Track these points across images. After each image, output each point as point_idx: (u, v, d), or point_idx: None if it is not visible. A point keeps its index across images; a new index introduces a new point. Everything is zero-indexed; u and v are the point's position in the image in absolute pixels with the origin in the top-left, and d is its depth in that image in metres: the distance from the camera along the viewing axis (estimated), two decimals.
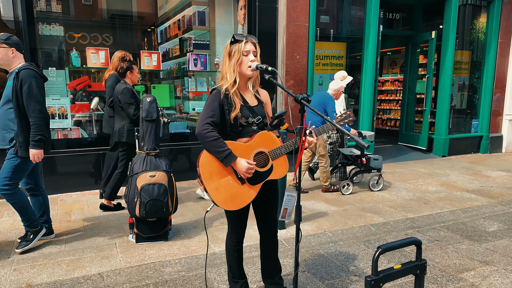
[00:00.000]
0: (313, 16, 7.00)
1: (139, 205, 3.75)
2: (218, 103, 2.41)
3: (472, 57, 9.58)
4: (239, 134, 2.48)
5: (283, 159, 2.54)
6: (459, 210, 5.12)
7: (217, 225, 4.44)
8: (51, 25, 5.83)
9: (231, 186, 2.43)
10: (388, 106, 11.88)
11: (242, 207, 2.47)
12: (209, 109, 2.40)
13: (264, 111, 2.61)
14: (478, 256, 3.77)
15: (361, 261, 3.63)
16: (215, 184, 2.40)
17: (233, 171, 2.42)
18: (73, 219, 4.62)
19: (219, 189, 2.40)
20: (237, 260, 2.75)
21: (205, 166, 2.39)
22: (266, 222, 2.71)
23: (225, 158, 2.34)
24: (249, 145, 2.45)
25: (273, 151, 2.49)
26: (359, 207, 5.18)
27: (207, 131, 2.32)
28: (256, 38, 2.54)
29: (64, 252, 3.70)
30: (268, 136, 2.50)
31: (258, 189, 2.49)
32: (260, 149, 2.47)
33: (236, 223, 2.66)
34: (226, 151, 2.33)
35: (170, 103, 6.99)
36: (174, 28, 7.59)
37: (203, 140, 2.34)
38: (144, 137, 4.04)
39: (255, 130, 2.51)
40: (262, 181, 2.50)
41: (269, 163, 2.49)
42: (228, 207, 2.43)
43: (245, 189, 2.45)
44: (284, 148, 2.49)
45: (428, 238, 4.22)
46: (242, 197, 2.45)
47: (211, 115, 2.37)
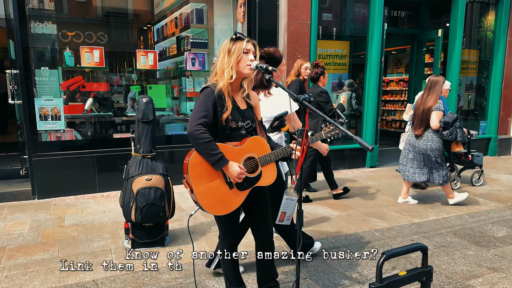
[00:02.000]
0: (315, 14, 7.02)
1: (135, 209, 3.76)
2: (212, 102, 2.38)
3: (480, 56, 9.60)
4: (228, 138, 2.47)
5: (272, 167, 2.56)
6: (466, 215, 5.13)
7: (215, 230, 4.45)
8: (43, 23, 5.84)
9: (219, 190, 2.42)
10: (393, 107, 11.90)
11: (230, 212, 2.47)
12: (202, 108, 2.36)
13: (254, 115, 2.61)
14: (486, 263, 3.77)
15: (365, 268, 3.64)
16: (203, 187, 2.39)
17: (222, 175, 2.42)
18: (67, 224, 4.63)
19: (207, 193, 2.39)
20: (233, 267, 2.75)
21: (195, 168, 2.37)
22: (257, 224, 2.71)
23: (217, 162, 2.33)
24: (241, 149, 2.46)
25: (263, 158, 2.51)
26: (363, 211, 5.19)
27: (199, 132, 2.29)
28: (256, 42, 2.54)
29: (57, 259, 3.70)
30: (260, 141, 2.52)
31: (246, 195, 2.51)
32: (250, 154, 2.49)
33: (227, 228, 2.67)
34: (219, 155, 2.32)
35: (167, 104, 7.00)
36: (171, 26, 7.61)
37: (195, 142, 2.31)
38: (140, 139, 4.04)
39: (244, 134, 2.52)
40: (250, 187, 2.51)
41: (258, 169, 2.51)
42: (216, 212, 2.44)
43: (233, 194, 2.46)
44: (274, 155, 2.52)
45: (434, 244, 4.23)
46: (229, 202, 2.45)
47: (204, 115, 2.34)
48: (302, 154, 2.33)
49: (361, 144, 2.15)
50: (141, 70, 6.67)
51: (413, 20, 10.18)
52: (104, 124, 6.61)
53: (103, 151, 5.94)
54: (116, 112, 6.67)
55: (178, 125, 6.99)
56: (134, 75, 6.89)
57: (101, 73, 6.59)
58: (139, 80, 6.93)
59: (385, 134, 11.53)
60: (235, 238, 2.71)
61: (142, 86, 6.87)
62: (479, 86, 9.67)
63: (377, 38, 7.59)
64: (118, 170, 5.69)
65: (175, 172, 6.17)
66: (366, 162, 7.98)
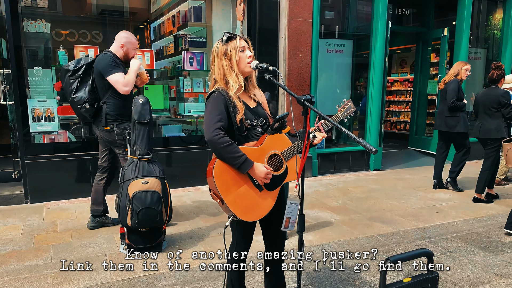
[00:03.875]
0: (317, 12, 7.04)
1: (131, 214, 3.76)
2: (224, 105, 2.37)
3: (487, 56, 9.61)
4: (246, 138, 2.46)
5: (294, 160, 2.52)
6: (473, 219, 5.14)
7: (214, 235, 4.46)
8: (36, 21, 5.85)
9: (249, 195, 2.39)
10: (398, 108, 11.91)
11: (262, 217, 2.45)
12: (216, 112, 2.34)
13: (265, 112, 2.62)
14: (493, 269, 3.78)
15: (368, 274, 3.64)
16: (233, 196, 2.35)
17: (249, 179, 2.39)
18: (60, 229, 4.64)
19: (237, 201, 2.36)
20: (239, 274, 2.74)
21: (221, 177, 2.33)
22: (274, 231, 2.66)
23: (242, 165, 2.29)
24: (262, 148, 2.43)
25: (286, 152, 2.48)
26: (366, 216, 5.19)
27: (219, 136, 2.26)
28: (247, 36, 2.53)
29: (51, 265, 3.71)
30: (279, 136, 2.48)
31: (276, 195, 2.48)
32: (273, 151, 2.46)
33: (243, 235, 2.63)
34: (243, 157, 2.29)
35: (164, 105, 7.00)
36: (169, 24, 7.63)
37: (216, 147, 2.27)
38: (136, 141, 4.05)
39: (261, 132, 2.51)
40: (279, 186, 2.48)
41: (284, 165, 2.48)
42: (249, 218, 2.40)
43: (263, 196, 2.43)
44: (296, 147, 2.47)
45: (440, 250, 4.23)
46: (261, 205, 2.43)
47: (219, 119, 2.31)
48: (304, 156, 2.34)
49: (364, 146, 2.16)
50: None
51: (418, 18, 10.19)
52: None
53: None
54: None
55: (176, 127, 7.00)
56: None
57: None
58: None
59: (389, 136, 11.56)
60: (248, 246, 2.67)
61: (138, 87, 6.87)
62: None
63: (381, 37, 7.62)
64: None
65: (173, 175, 6.23)
66: (370, 164, 7.99)
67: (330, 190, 6.44)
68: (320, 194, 6.19)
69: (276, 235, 2.67)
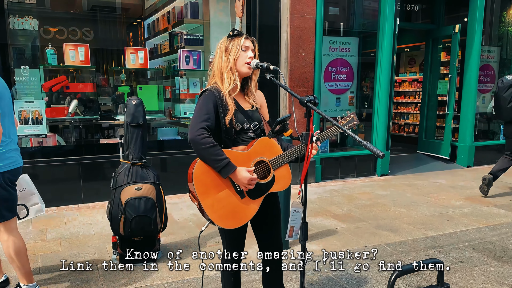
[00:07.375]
0: (321, 8, 7.07)
1: (124, 222, 3.77)
2: (213, 105, 2.40)
3: (501, 54, 9.63)
4: (234, 142, 2.48)
5: (285, 169, 2.55)
6: (486, 227, 5.15)
7: (211, 244, 4.47)
8: (23, 18, 5.87)
9: (229, 201, 2.41)
10: (406, 110, 11.93)
11: (242, 225, 2.47)
12: (203, 111, 2.38)
13: (260, 116, 2.63)
14: (508, 280, 3.79)
15: (375, 285, 3.65)
16: (211, 199, 2.37)
17: (231, 184, 2.41)
18: (49, 238, 4.65)
19: (216, 205, 2.38)
20: (234, 285, 2.76)
21: (200, 178, 2.36)
22: (269, 240, 2.69)
23: (223, 168, 2.32)
24: (248, 153, 2.45)
25: (275, 160, 2.50)
26: (373, 224, 5.20)
27: (202, 136, 2.30)
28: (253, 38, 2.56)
29: (39, 276, 3.72)
30: (269, 143, 2.51)
31: (259, 204, 2.49)
32: (260, 157, 2.48)
33: (232, 242, 2.65)
34: (225, 160, 2.31)
35: (159, 106, 7.02)
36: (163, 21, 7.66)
37: (198, 147, 2.31)
38: (129, 145, 4.06)
39: (252, 137, 2.53)
40: (263, 194, 2.50)
41: (271, 174, 2.50)
42: (227, 226, 2.42)
43: (245, 203, 2.44)
44: (286, 156, 2.50)
45: (451, 260, 4.24)
46: (242, 213, 2.44)
47: (206, 119, 2.35)
48: (307, 160, 2.34)
49: (371, 150, 2.17)
50: (130, 69, 6.71)
51: (427, 15, 10.21)
52: (90, 129, 6.63)
53: (89, 158, 5.96)
54: (103, 115, 6.69)
55: (171, 130, 7.01)
56: (123, 74, 6.92)
57: (86, 72, 6.63)
58: (128, 80, 6.97)
59: (397, 139, 11.57)
60: (239, 250, 2.68)
61: (131, 87, 6.90)
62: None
63: (389, 34, 7.64)
64: (105, 178, 5.72)
65: (168, 181, 6.22)
66: (377, 169, 8.00)
67: (334, 197, 6.45)
68: (324, 201, 6.21)
69: (272, 234, 2.69)
